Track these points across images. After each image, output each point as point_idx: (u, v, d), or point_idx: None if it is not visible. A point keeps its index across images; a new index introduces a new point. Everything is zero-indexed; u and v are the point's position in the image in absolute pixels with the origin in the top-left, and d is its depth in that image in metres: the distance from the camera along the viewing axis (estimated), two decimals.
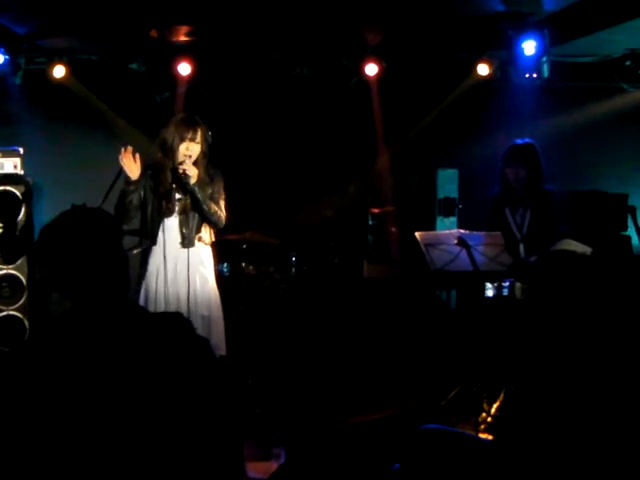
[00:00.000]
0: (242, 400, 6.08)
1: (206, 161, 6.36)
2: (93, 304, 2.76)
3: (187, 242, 6.28)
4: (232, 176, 6.53)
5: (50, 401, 2.58)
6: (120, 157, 6.11)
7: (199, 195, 6.21)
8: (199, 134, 6.26)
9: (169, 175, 6.28)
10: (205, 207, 6.25)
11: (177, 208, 6.29)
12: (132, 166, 6.13)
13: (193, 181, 6.19)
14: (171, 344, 2.71)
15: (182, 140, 6.22)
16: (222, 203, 6.43)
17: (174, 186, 6.28)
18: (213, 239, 6.50)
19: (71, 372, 2.61)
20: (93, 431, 2.56)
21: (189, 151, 6.23)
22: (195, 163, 6.26)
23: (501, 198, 7.07)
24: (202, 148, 6.30)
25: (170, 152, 6.25)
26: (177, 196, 6.29)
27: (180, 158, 6.22)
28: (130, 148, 6.13)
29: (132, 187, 6.17)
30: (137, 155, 6.15)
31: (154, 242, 6.27)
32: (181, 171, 6.17)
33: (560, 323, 3.27)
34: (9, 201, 7.76)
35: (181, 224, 6.29)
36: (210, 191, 6.32)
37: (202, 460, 2.66)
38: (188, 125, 6.27)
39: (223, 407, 2.75)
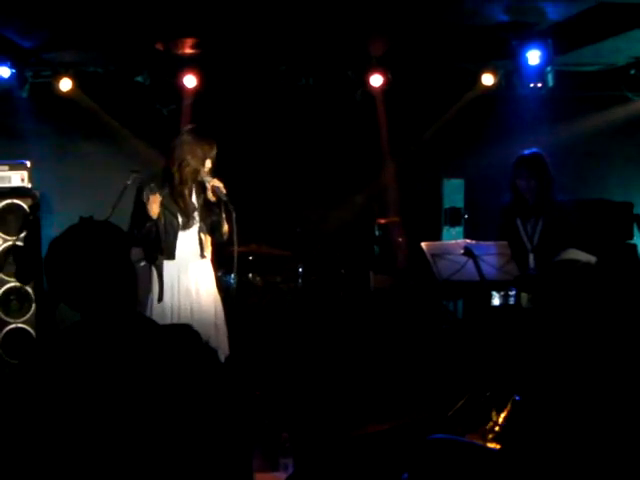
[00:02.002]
0: (250, 411, 6.09)
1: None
2: (102, 316, 2.77)
3: (204, 253, 6.29)
4: (238, 187, 6.54)
5: (60, 413, 2.59)
6: (150, 202, 6.09)
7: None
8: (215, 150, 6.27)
9: (187, 191, 6.23)
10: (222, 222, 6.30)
11: (196, 221, 6.27)
12: (155, 207, 6.13)
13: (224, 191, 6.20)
14: (180, 356, 2.72)
15: (205, 159, 6.21)
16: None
17: (194, 201, 6.25)
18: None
19: (81, 384, 2.62)
20: (103, 443, 2.57)
21: (206, 167, 6.22)
22: (201, 183, 6.26)
23: (512, 208, 7.05)
24: (212, 161, 6.29)
25: (195, 172, 6.20)
26: (196, 210, 6.28)
27: (203, 176, 6.19)
28: (158, 196, 6.13)
29: (152, 224, 6.15)
30: (157, 195, 6.15)
31: (172, 257, 6.23)
32: (216, 186, 6.14)
33: (566, 332, 3.28)
34: (16, 214, 7.78)
35: (200, 236, 6.28)
36: None
37: (211, 471, 2.67)
38: (212, 144, 6.25)
39: (232, 418, 2.76)
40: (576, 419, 3.11)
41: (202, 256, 6.31)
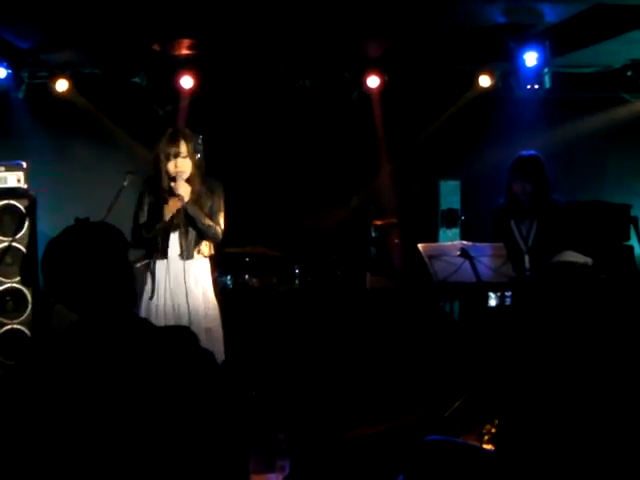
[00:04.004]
0: (247, 412, 6.08)
1: (200, 173, 6.25)
2: (100, 317, 2.77)
3: (186, 255, 6.22)
4: (235, 189, 6.53)
5: (57, 413, 2.58)
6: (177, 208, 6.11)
7: (191, 212, 6.15)
8: (184, 148, 6.12)
9: (162, 192, 6.20)
10: (200, 223, 6.19)
11: (181, 223, 6.22)
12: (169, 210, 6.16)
13: (186, 199, 6.12)
14: (177, 357, 2.72)
15: (168, 157, 6.12)
16: (221, 217, 6.33)
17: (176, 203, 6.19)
18: (212, 252, 6.42)
19: (77, 384, 2.62)
20: (99, 443, 2.56)
21: (178, 168, 6.12)
22: (189, 178, 6.20)
23: (506, 210, 7.05)
24: (193, 161, 6.18)
25: (158, 170, 6.19)
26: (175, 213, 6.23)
27: (171, 174, 6.14)
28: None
29: (161, 225, 6.16)
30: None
31: (165, 255, 6.21)
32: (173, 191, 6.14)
33: (561, 334, 3.28)
34: (13, 215, 7.76)
35: (180, 237, 6.24)
36: (210, 204, 6.29)
37: (208, 472, 2.67)
38: (170, 141, 6.13)
39: (228, 419, 2.76)
40: (570, 419, 3.11)
41: (183, 256, 6.25)
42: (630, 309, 3.34)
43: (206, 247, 6.34)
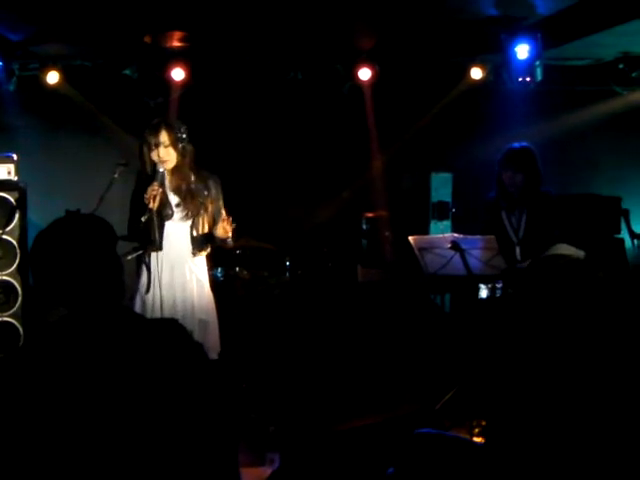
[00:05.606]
0: (237, 405, 6.06)
1: (187, 163, 6.12)
2: (88, 311, 2.76)
3: (196, 252, 6.21)
4: (226, 181, 6.50)
5: (46, 407, 2.57)
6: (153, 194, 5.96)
7: (204, 242, 6.17)
8: (166, 137, 5.99)
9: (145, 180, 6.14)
10: (219, 244, 6.24)
11: (176, 214, 6.16)
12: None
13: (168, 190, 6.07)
14: (166, 350, 2.71)
15: (150, 147, 6.02)
16: (223, 212, 6.27)
17: (161, 191, 6.05)
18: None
19: (67, 378, 2.61)
20: (88, 437, 2.56)
21: (161, 157, 6.00)
22: (176, 167, 6.13)
23: (497, 201, 7.07)
24: (177, 151, 6.05)
25: (142, 160, 6.10)
26: (175, 201, 6.19)
27: (156, 163, 6.03)
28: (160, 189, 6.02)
29: (148, 216, 6.05)
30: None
31: (160, 247, 6.14)
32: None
33: (552, 327, 3.28)
34: (3, 207, 7.73)
35: (190, 230, 6.21)
36: (214, 209, 6.22)
37: (197, 465, 2.66)
38: (152, 131, 6.00)
39: (218, 412, 2.75)
40: (560, 412, 3.11)
41: (193, 253, 6.22)
42: (622, 303, 3.34)
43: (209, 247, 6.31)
